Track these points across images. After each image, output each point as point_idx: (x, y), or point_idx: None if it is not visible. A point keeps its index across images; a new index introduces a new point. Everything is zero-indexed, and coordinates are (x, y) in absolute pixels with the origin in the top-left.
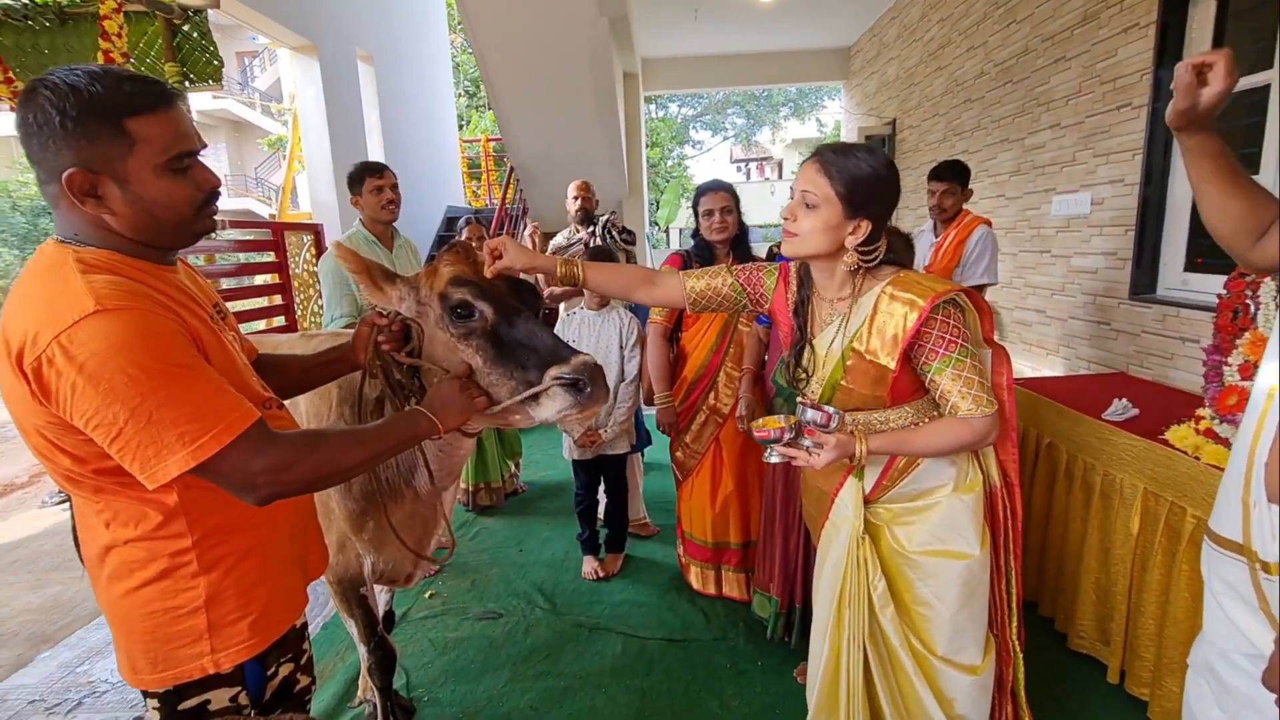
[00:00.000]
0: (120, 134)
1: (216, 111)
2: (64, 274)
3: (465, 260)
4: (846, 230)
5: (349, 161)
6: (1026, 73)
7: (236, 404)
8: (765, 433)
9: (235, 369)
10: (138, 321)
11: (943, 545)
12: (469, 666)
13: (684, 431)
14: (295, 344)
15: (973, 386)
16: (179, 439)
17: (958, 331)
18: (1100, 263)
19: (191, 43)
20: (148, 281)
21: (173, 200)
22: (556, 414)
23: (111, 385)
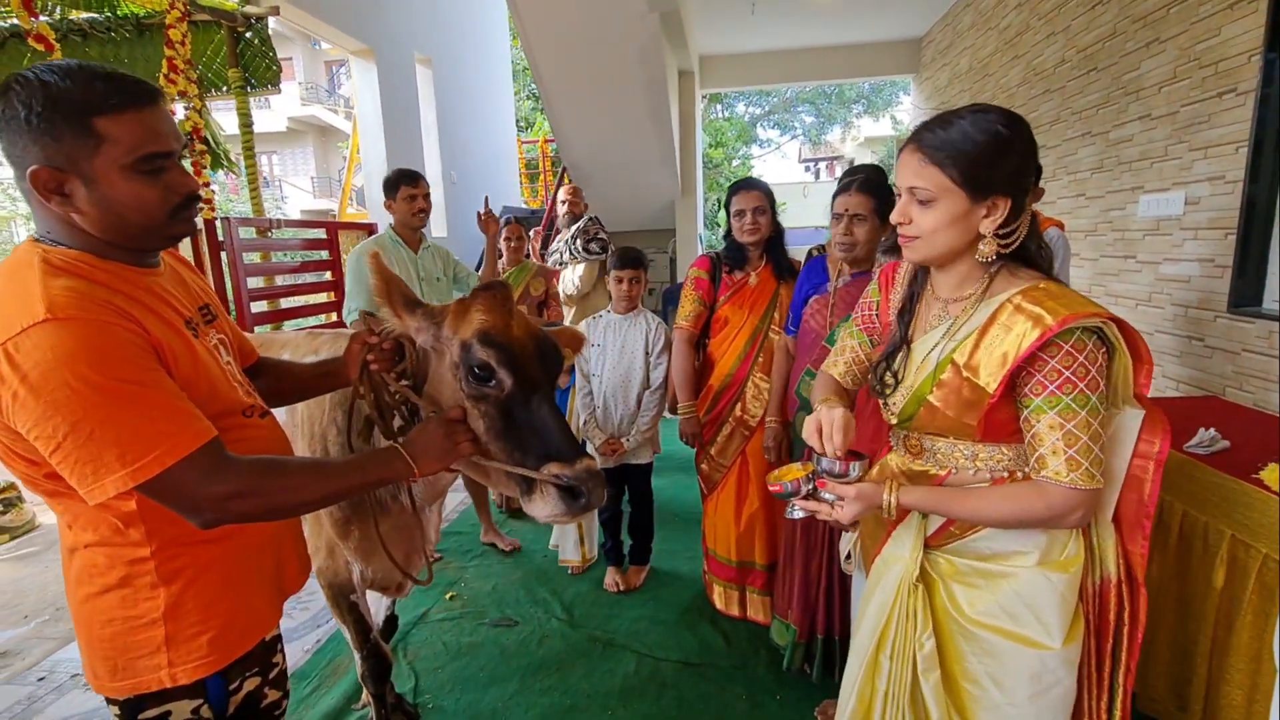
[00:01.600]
0: (87, 132)
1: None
2: (26, 276)
3: (500, 311)
4: (979, 215)
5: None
6: (1114, 58)
7: (186, 424)
8: (779, 486)
9: (207, 377)
10: (87, 332)
11: (1012, 625)
12: (478, 675)
13: (709, 443)
14: (300, 343)
15: (1075, 444)
16: (118, 458)
17: (1085, 372)
18: (1194, 270)
19: (253, 49)
20: (115, 285)
21: (142, 202)
22: (547, 517)
23: (53, 398)
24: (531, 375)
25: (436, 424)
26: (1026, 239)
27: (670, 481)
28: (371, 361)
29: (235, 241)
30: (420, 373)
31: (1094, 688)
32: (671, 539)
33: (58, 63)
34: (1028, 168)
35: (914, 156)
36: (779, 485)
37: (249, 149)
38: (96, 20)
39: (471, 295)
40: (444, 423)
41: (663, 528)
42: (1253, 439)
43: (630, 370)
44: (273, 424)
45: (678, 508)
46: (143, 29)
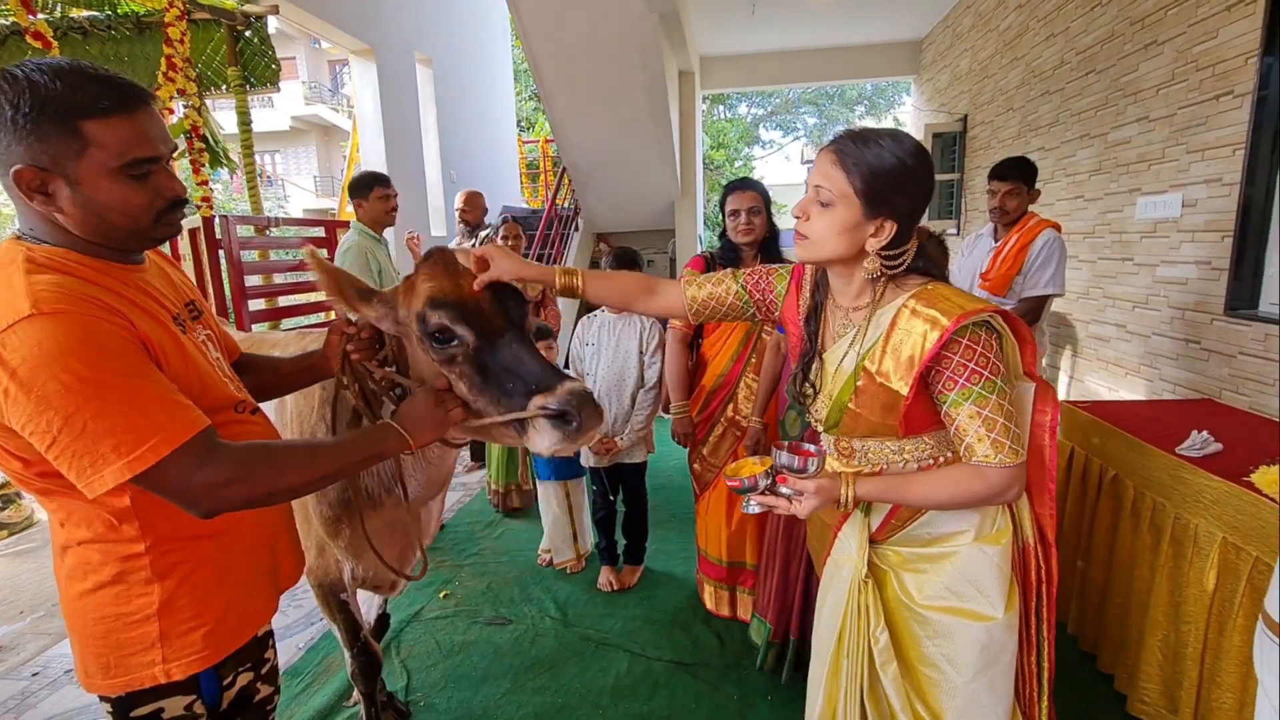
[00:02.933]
0: (74, 135)
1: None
2: (9, 273)
3: (444, 274)
4: (867, 231)
5: (404, 161)
6: (1112, 60)
7: (179, 414)
8: (737, 481)
9: (197, 372)
10: (74, 326)
11: (959, 601)
12: (471, 673)
13: (701, 443)
14: (290, 342)
15: (994, 428)
16: (114, 450)
17: (985, 361)
18: (1191, 272)
19: (252, 48)
20: (101, 282)
21: (126, 206)
22: (549, 448)
23: (44, 392)
24: (491, 323)
25: (424, 394)
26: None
27: (666, 482)
28: (351, 351)
29: (233, 240)
30: (401, 358)
31: (1024, 644)
32: (667, 540)
33: (48, 61)
34: (922, 202)
35: (828, 157)
36: (737, 480)
37: (248, 147)
38: (97, 18)
39: (415, 269)
40: (431, 392)
41: (658, 529)
42: (1246, 442)
43: (624, 369)
44: (264, 419)
45: (674, 509)
46: (142, 27)
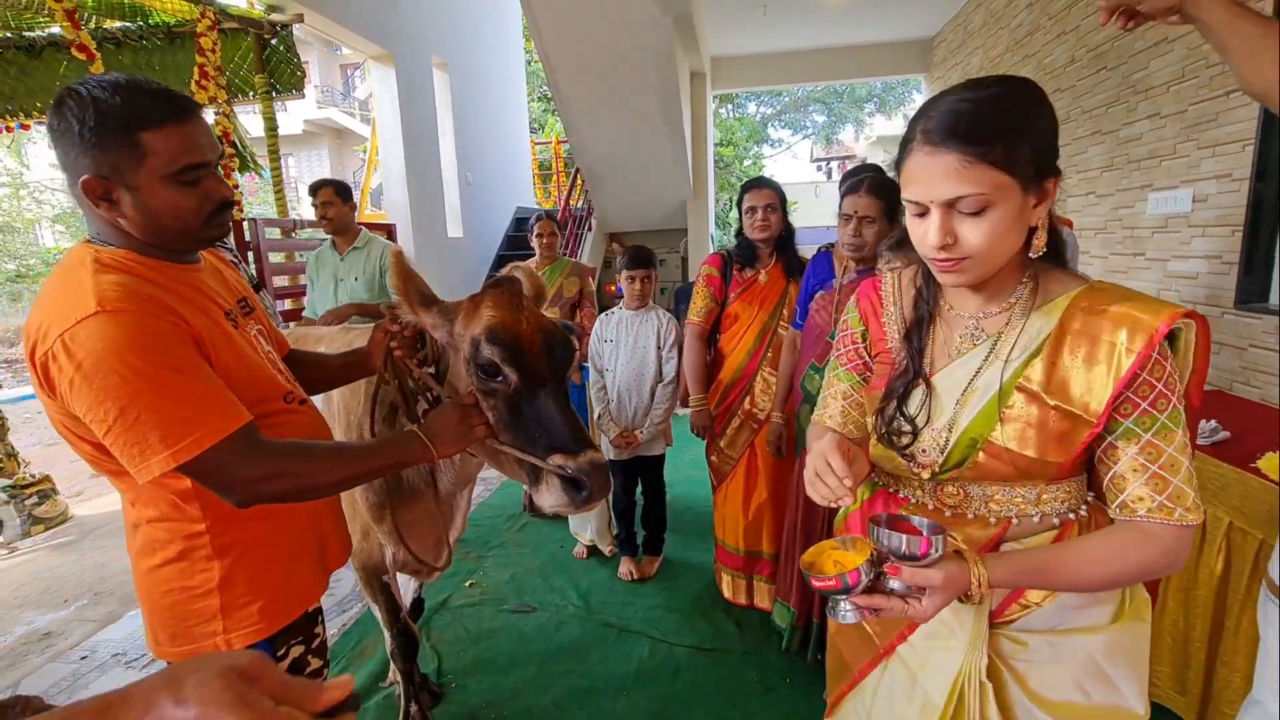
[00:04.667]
0: (133, 145)
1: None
2: (79, 273)
3: (508, 308)
4: (1030, 206)
5: (422, 165)
6: (1123, 57)
7: (224, 409)
8: (828, 580)
9: (247, 364)
10: (133, 324)
11: (1086, 700)
12: (499, 658)
13: (719, 435)
14: (335, 337)
15: (1178, 471)
16: (161, 440)
17: (1174, 382)
18: (1202, 267)
19: (278, 55)
20: (159, 281)
21: (178, 210)
22: (551, 507)
23: (104, 384)
24: (538, 371)
25: (452, 408)
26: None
27: (684, 477)
28: (395, 349)
29: (261, 241)
30: (441, 363)
31: None
32: (685, 531)
33: (106, 77)
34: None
35: (950, 158)
36: (826, 579)
37: (274, 152)
38: (129, 29)
39: (483, 291)
40: (459, 407)
41: (676, 521)
42: (1254, 431)
43: (643, 364)
44: (312, 410)
45: (691, 503)
46: (173, 37)
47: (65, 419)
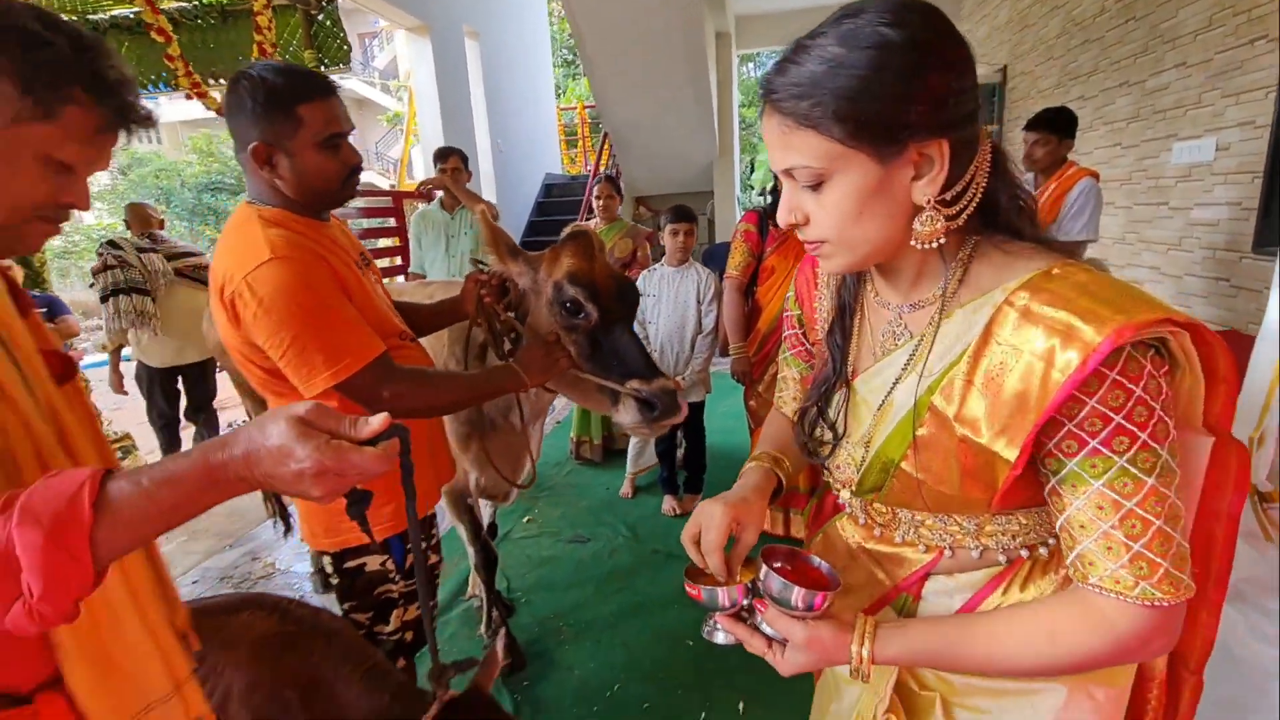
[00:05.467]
0: (292, 116)
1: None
2: (250, 228)
3: (585, 255)
4: (906, 178)
5: (458, 134)
6: (1151, 7)
7: (368, 339)
8: (697, 591)
9: (374, 307)
10: (299, 268)
11: None
12: (559, 580)
13: (757, 381)
14: (415, 291)
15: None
16: (324, 363)
17: (1147, 413)
18: (1223, 214)
19: (325, 30)
20: (308, 234)
21: (324, 172)
22: (629, 424)
23: (280, 316)
24: (613, 309)
25: (538, 344)
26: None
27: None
28: (484, 296)
29: None
30: (522, 308)
31: None
32: (721, 475)
33: (269, 62)
34: (957, 81)
35: (773, 121)
36: (697, 590)
37: None
38: (185, 9)
39: (562, 243)
40: (544, 343)
41: (712, 466)
42: None
43: (684, 317)
44: (419, 346)
45: (727, 450)
46: (226, 15)
47: (243, 347)
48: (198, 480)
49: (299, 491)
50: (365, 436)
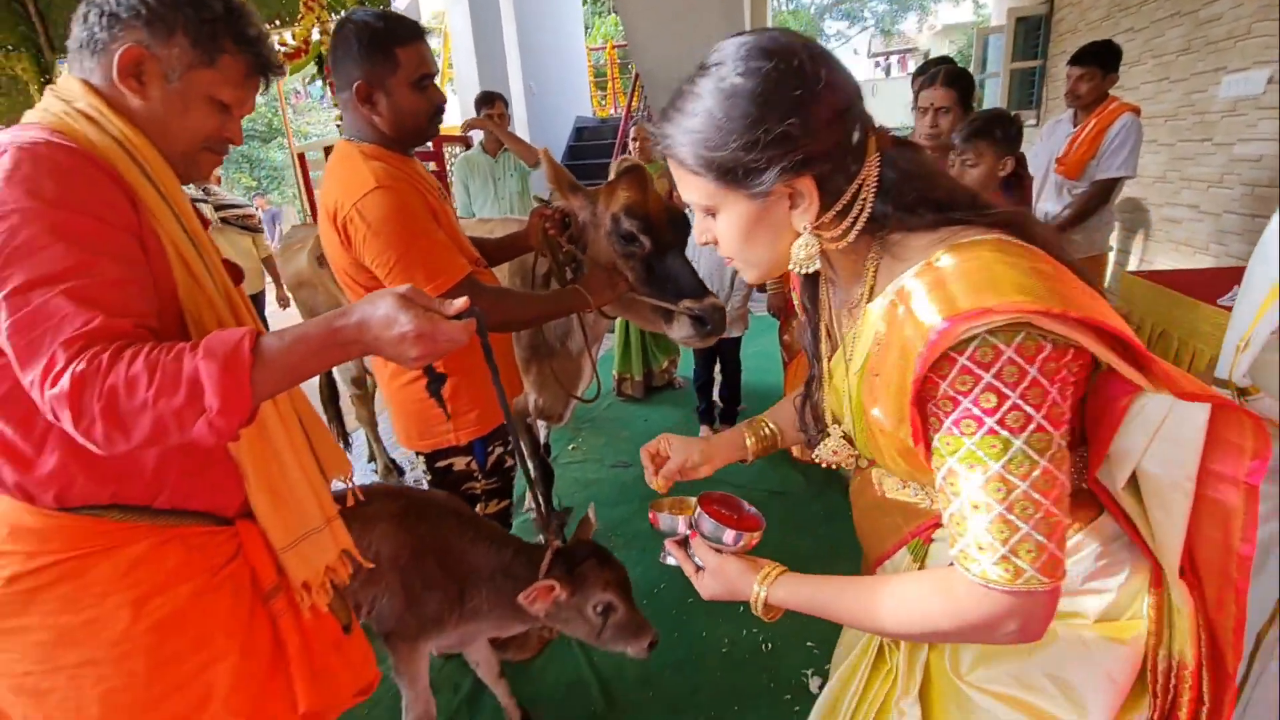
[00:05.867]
0: (390, 58)
1: None
2: (354, 162)
3: (639, 189)
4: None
5: (492, 77)
6: None
7: (458, 260)
8: (654, 518)
9: (456, 235)
10: (400, 196)
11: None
12: (605, 499)
13: (792, 316)
14: (475, 228)
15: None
16: (425, 279)
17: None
18: (1266, 149)
19: None
20: (401, 168)
21: (415, 109)
22: (682, 338)
23: (387, 238)
24: (665, 238)
25: (599, 271)
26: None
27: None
28: (549, 229)
29: None
30: (583, 240)
31: None
32: (755, 407)
33: (368, 9)
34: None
35: (671, 163)
36: (654, 517)
37: None
38: None
39: (617, 178)
40: (605, 270)
41: (746, 400)
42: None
43: None
44: (491, 274)
45: (759, 387)
46: None
47: (350, 268)
48: (322, 340)
49: (399, 353)
50: (452, 313)
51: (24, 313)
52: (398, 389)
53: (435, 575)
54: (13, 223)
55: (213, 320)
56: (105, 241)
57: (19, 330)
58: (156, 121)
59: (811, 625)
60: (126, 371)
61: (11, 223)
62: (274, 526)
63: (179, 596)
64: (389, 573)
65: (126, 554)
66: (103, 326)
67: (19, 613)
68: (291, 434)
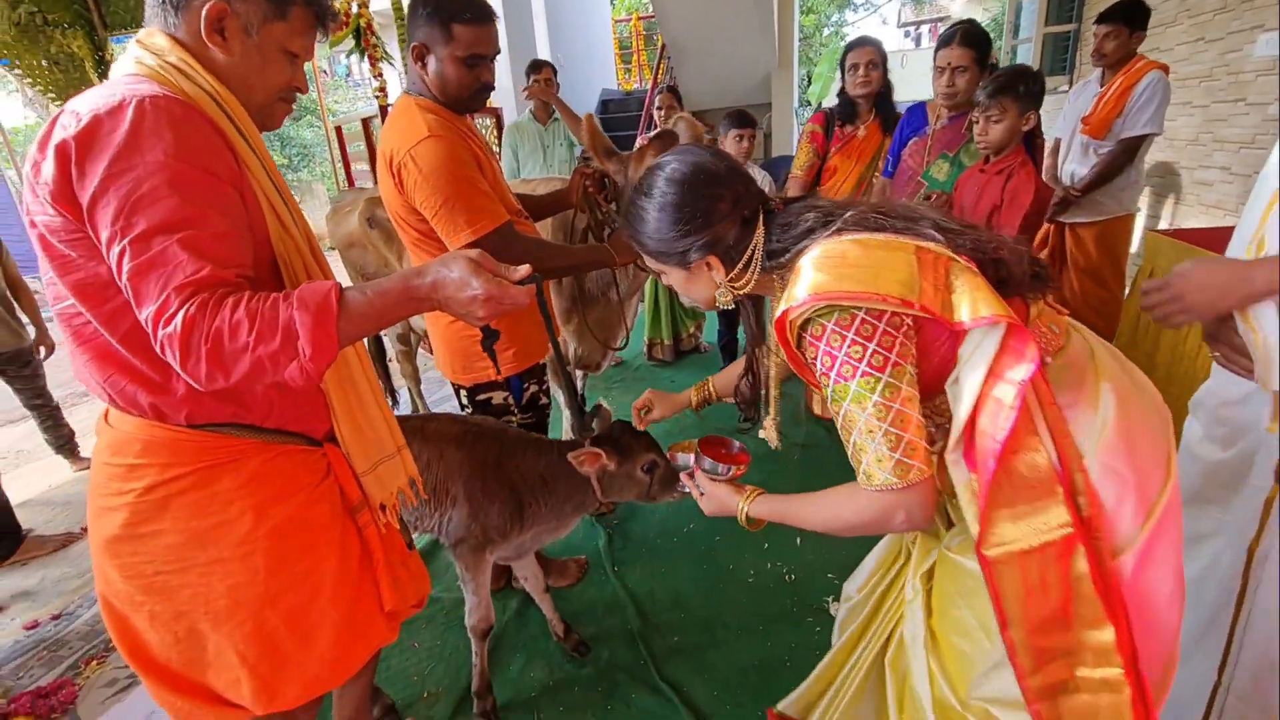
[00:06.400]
0: (447, 30)
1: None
2: (411, 113)
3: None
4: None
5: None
6: None
7: (498, 208)
8: (672, 456)
9: (499, 187)
10: (450, 146)
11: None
12: None
13: None
14: (519, 186)
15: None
16: (466, 223)
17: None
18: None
19: None
20: (452, 121)
21: (459, 81)
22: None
23: (436, 183)
24: None
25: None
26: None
27: None
28: (589, 187)
29: None
30: (619, 200)
31: None
32: None
33: None
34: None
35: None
36: (671, 456)
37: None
38: None
39: (648, 143)
40: None
41: None
42: None
43: None
44: (532, 225)
45: None
46: None
47: (403, 210)
48: (398, 295)
49: (467, 313)
50: (516, 279)
51: (145, 257)
52: (444, 326)
53: (495, 487)
54: (139, 174)
55: (299, 265)
56: (214, 195)
57: (140, 272)
58: (238, 74)
59: (831, 558)
60: (230, 318)
61: (138, 174)
62: (356, 451)
63: (290, 505)
64: (455, 485)
65: (246, 466)
66: (210, 276)
67: (155, 518)
68: (368, 372)
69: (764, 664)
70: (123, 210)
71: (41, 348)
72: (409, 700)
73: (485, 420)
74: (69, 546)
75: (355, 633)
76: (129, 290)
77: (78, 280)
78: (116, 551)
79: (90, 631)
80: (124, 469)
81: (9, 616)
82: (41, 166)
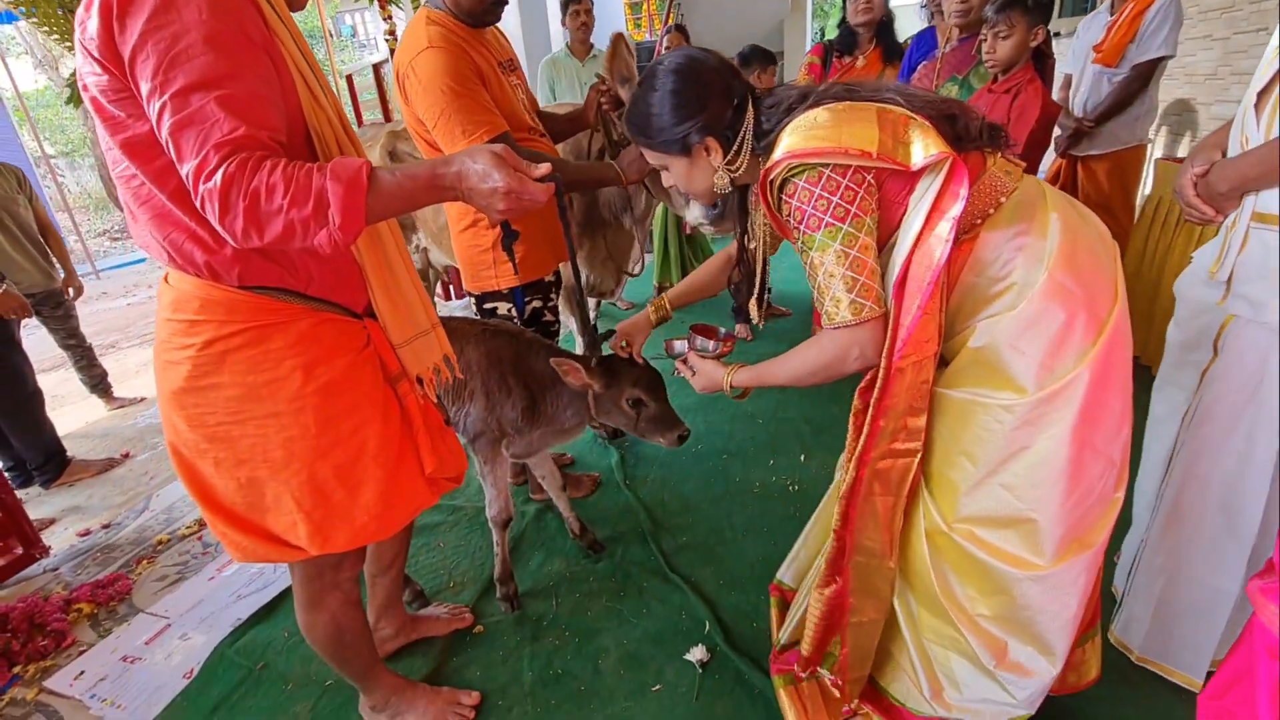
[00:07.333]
0: None
1: None
2: (419, 25)
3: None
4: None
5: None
6: None
7: (495, 119)
8: (667, 345)
9: (507, 100)
10: (449, 57)
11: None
12: None
13: None
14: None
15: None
16: (462, 134)
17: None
18: None
19: None
20: (460, 34)
21: None
22: (695, 219)
23: (433, 94)
24: None
25: (633, 149)
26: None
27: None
28: (604, 104)
29: None
30: None
31: None
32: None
33: None
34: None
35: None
36: (667, 345)
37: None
38: None
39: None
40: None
41: (782, 303)
42: None
43: None
44: (547, 142)
45: (793, 295)
46: None
47: (414, 122)
48: (425, 180)
49: (488, 205)
50: (536, 175)
51: (184, 114)
52: (457, 234)
53: (511, 384)
54: (175, 29)
55: (330, 136)
56: (248, 55)
57: (179, 128)
58: None
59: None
60: (267, 179)
61: (175, 29)
62: (392, 324)
63: (337, 367)
64: (473, 379)
65: (295, 328)
66: (247, 135)
67: (214, 372)
68: (402, 252)
69: (768, 558)
70: (161, 65)
71: (70, 289)
72: (437, 589)
73: (501, 322)
74: (110, 470)
75: (398, 490)
76: (170, 146)
77: (127, 139)
78: (182, 403)
79: (139, 538)
80: (185, 324)
81: (62, 526)
82: (87, 24)
